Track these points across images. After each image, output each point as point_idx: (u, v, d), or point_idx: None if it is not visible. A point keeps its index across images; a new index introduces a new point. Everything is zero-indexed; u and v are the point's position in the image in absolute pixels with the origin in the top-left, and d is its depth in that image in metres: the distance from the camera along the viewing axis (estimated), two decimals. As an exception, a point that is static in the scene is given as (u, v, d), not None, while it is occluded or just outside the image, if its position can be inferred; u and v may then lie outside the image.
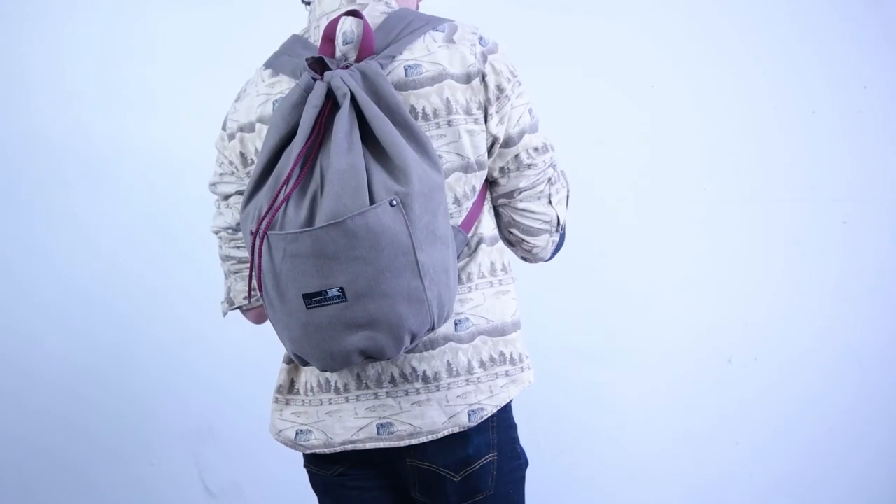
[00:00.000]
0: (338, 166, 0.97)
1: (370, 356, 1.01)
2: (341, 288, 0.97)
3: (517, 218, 1.14)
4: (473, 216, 1.10)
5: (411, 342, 1.01)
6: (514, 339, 1.14)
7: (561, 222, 1.17)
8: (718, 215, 1.96)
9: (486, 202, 1.12)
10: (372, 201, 0.96)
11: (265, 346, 2.01)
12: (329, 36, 1.07)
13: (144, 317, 2.02)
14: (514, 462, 1.16)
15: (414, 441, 1.09)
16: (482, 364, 1.10)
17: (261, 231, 0.99)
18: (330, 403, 1.13)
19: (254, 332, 2.00)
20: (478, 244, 1.11)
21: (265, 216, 0.99)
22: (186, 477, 2.06)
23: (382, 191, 0.97)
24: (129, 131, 2.00)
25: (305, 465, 1.25)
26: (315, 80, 1.02)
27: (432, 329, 1.02)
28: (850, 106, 1.93)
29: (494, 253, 1.13)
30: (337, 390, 1.12)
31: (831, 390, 1.97)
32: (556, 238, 1.18)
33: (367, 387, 1.10)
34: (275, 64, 1.13)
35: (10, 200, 2.02)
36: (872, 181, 1.93)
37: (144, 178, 2.00)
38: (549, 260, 1.21)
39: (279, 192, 0.98)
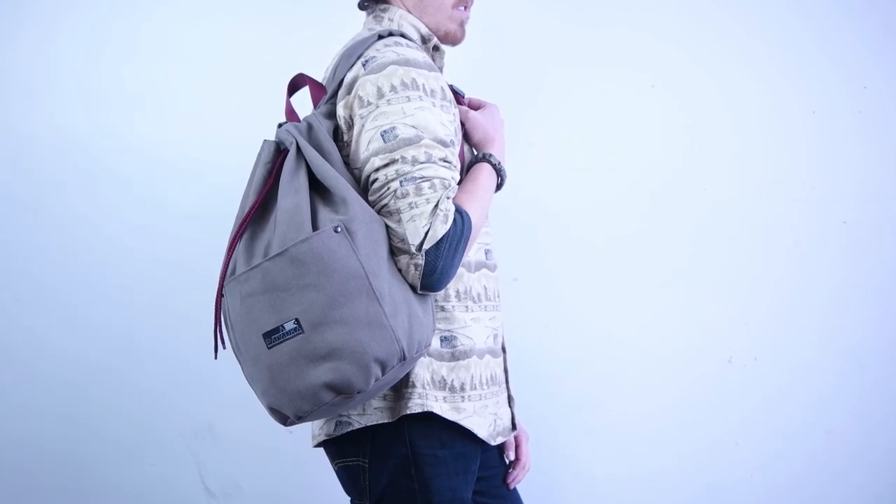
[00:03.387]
0: (283, 206, 1.02)
1: (338, 390, 0.98)
2: (296, 319, 0.97)
3: None
4: None
5: (382, 373, 1.00)
6: (413, 368, 1.13)
7: (419, 244, 1.05)
8: (718, 215, 1.96)
9: None
10: (315, 230, 1.00)
11: (265, 346, 2.01)
12: (289, 97, 1.21)
13: (144, 316, 2.02)
14: (402, 481, 1.15)
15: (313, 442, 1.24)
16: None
17: (223, 287, 1.07)
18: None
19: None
20: None
21: (223, 269, 1.07)
22: (186, 477, 2.06)
23: (326, 221, 1.01)
24: (129, 132, 2.00)
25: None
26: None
27: (403, 359, 1.01)
28: (850, 106, 1.93)
29: None
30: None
31: (832, 390, 1.97)
32: (420, 261, 1.05)
33: None
34: None
35: (10, 200, 2.02)
36: (872, 181, 1.93)
37: (144, 178, 2.00)
38: (429, 289, 1.08)
39: (233, 247, 1.06)
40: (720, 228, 1.96)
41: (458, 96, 1.30)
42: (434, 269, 1.05)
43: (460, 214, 1.08)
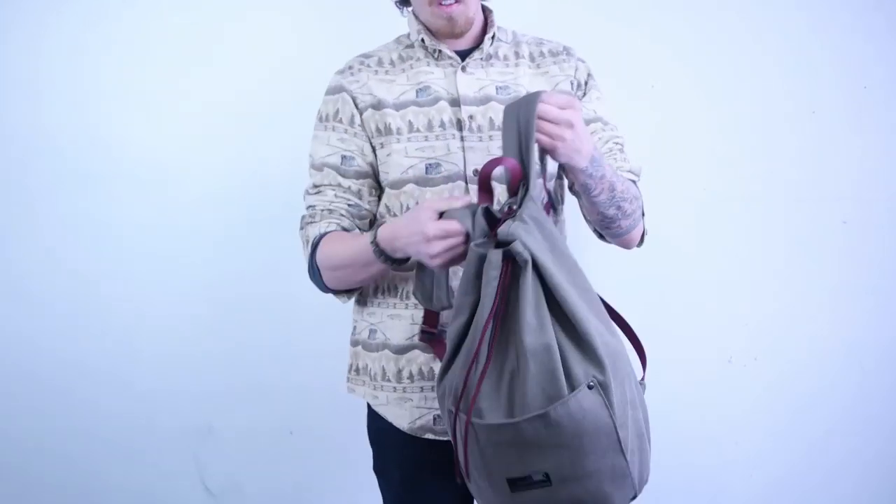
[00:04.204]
0: (531, 347, 0.95)
1: None
2: (546, 473, 0.96)
3: None
4: None
5: None
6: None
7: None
8: (718, 215, 1.96)
9: None
10: (570, 385, 0.95)
11: (265, 347, 2.01)
12: (484, 184, 1.08)
13: (144, 316, 2.02)
14: None
15: None
16: None
17: (461, 417, 1.00)
18: None
19: (254, 332, 2.01)
20: None
21: (461, 398, 0.99)
22: (186, 477, 2.06)
23: (580, 373, 0.96)
24: (128, 131, 1.99)
25: None
26: (486, 240, 1.01)
27: (634, 497, 1.05)
28: (850, 106, 1.93)
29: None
30: None
31: (832, 390, 1.97)
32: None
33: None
34: None
35: (5, 202, 2.01)
36: (872, 181, 1.93)
37: (144, 179, 1.99)
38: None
39: (469, 373, 0.98)
40: (720, 228, 1.96)
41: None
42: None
43: (315, 247, 1.30)
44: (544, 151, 1.08)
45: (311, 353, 1.96)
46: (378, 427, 1.40)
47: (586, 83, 1.43)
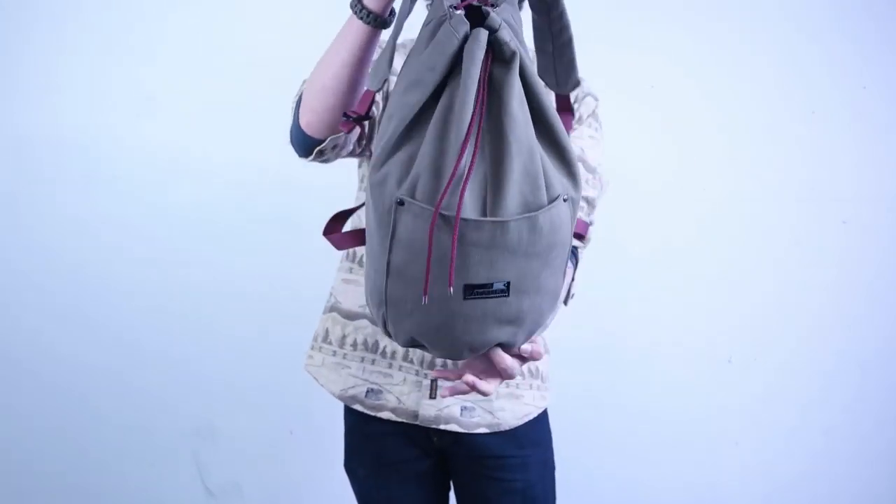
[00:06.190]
0: (517, 145, 0.85)
1: (503, 348, 0.95)
2: (507, 282, 0.89)
3: None
4: None
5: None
6: None
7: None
8: (718, 215, 1.96)
9: None
10: (549, 195, 0.88)
11: (265, 346, 2.01)
12: None
13: (144, 316, 2.02)
14: None
15: None
16: None
17: (445, 215, 0.85)
18: None
19: (254, 332, 2.01)
20: None
21: (444, 193, 0.84)
22: (186, 477, 2.06)
23: (558, 185, 0.89)
24: (128, 132, 2.00)
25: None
26: (463, 21, 0.86)
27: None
28: (850, 106, 1.93)
29: None
30: None
31: (831, 390, 1.97)
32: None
33: None
34: None
35: (9, 202, 2.02)
36: (872, 181, 1.93)
37: (144, 178, 2.00)
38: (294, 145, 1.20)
39: (457, 168, 0.83)
40: (720, 228, 1.96)
41: None
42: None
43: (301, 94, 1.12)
44: None
45: (311, 353, 1.97)
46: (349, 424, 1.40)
47: (588, 117, 1.39)
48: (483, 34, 0.85)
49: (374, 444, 1.35)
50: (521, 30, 0.92)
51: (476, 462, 1.33)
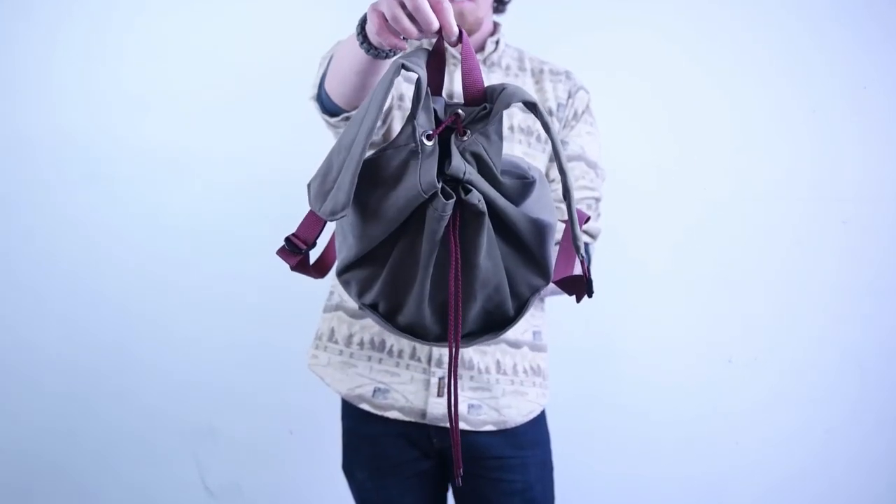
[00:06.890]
0: (485, 286, 0.85)
1: None
2: None
3: None
4: None
5: None
6: None
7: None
8: (718, 215, 1.96)
9: None
10: (515, 304, 0.88)
11: (265, 346, 2.01)
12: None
13: (144, 317, 2.02)
14: None
15: None
16: None
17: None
18: None
19: (253, 332, 2.01)
20: None
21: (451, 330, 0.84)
22: (186, 477, 2.06)
23: (525, 290, 0.89)
24: (127, 132, 1.99)
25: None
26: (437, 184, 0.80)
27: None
28: (850, 106, 1.93)
29: None
30: None
31: (831, 390, 1.97)
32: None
33: None
34: None
35: (7, 204, 2.01)
36: (872, 181, 1.93)
37: (144, 178, 2.00)
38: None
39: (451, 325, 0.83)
40: (720, 228, 1.96)
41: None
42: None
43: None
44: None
45: (311, 353, 1.96)
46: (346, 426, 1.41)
47: (583, 113, 1.40)
48: (447, 205, 0.80)
49: (373, 446, 1.35)
50: (498, 144, 0.84)
51: (475, 463, 1.33)
